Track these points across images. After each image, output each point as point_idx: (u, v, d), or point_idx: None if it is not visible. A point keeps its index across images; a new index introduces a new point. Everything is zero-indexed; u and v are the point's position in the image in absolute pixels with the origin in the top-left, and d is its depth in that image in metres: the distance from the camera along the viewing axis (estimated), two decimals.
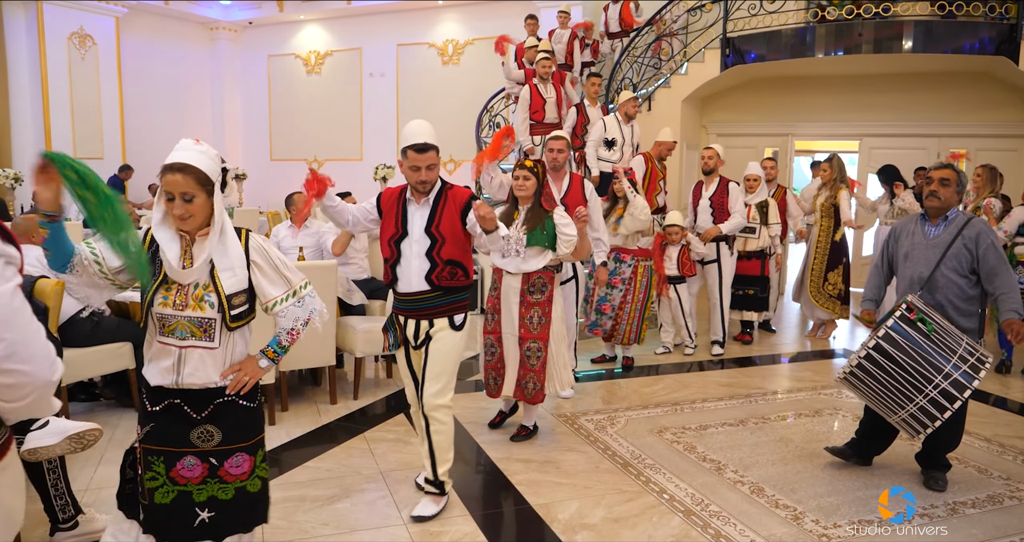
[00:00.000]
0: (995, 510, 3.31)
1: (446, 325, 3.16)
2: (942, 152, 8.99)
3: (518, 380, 3.99)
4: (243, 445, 2.30)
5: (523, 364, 3.98)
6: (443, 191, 3.13)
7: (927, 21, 7.67)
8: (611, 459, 3.87)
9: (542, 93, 7.19)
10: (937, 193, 3.44)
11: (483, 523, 3.17)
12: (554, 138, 4.66)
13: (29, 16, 10.77)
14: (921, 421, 3.24)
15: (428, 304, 3.15)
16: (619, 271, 5.39)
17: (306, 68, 13.45)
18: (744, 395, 5.02)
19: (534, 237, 3.82)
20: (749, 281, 6.29)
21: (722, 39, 8.41)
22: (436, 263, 3.09)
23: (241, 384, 2.27)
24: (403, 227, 3.12)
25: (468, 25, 11.99)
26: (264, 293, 2.30)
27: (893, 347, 3.22)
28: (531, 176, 3.84)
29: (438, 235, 3.08)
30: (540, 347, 3.97)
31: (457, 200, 3.11)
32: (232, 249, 2.24)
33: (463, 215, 3.09)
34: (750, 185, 6.23)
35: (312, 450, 3.97)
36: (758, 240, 6.19)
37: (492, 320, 4.05)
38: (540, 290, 3.95)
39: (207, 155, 2.20)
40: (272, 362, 2.34)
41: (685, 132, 9.05)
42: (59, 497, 2.93)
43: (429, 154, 3.02)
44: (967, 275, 3.39)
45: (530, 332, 3.95)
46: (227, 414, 2.28)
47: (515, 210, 3.92)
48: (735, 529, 3.11)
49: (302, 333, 2.36)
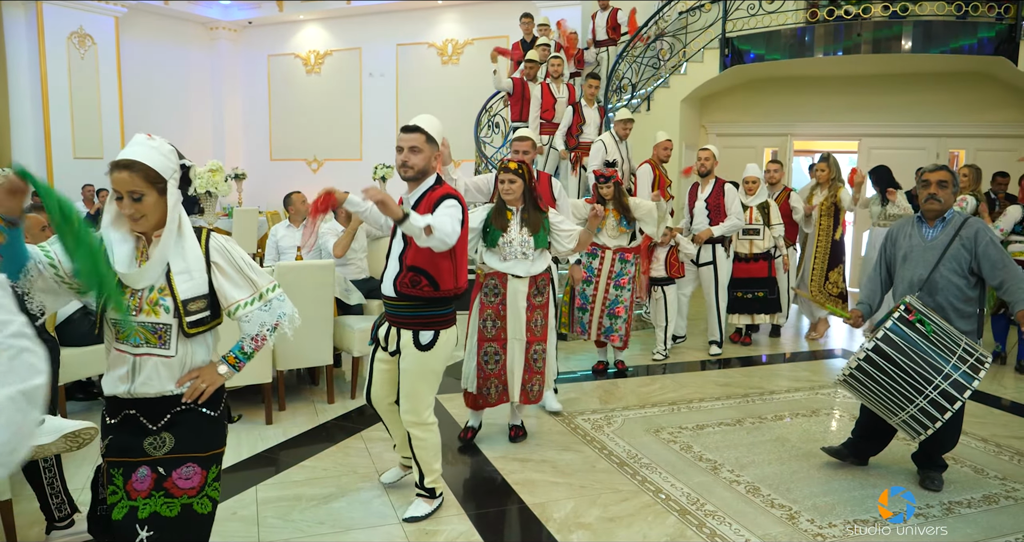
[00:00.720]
0: (991, 510, 3.32)
1: (410, 341, 3.02)
2: (941, 152, 9.00)
3: (523, 384, 3.94)
4: (196, 455, 2.11)
5: (529, 368, 3.95)
6: (427, 191, 3.00)
7: (927, 21, 7.67)
8: (607, 458, 3.87)
9: (554, 93, 7.19)
10: (937, 196, 3.44)
11: (478, 522, 3.17)
12: (519, 139, 4.50)
13: (29, 16, 10.78)
14: (922, 422, 3.23)
15: (395, 311, 3.07)
16: (626, 271, 5.31)
17: (306, 68, 13.45)
18: (741, 395, 5.02)
19: (540, 238, 3.80)
20: (757, 283, 6.23)
21: (721, 39, 8.41)
22: (401, 267, 2.99)
23: (198, 392, 2.11)
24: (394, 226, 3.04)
25: (468, 25, 11.99)
26: (226, 296, 2.13)
27: (892, 348, 3.22)
28: (517, 178, 3.76)
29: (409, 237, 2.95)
30: (544, 349, 3.98)
31: (432, 198, 2.95)
32: (190, 251, 2.09)
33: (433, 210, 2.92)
34: (749, 187, 6.21)
35: (309, 449, 3.97)
36: (763, 241, 6.17)
37: (495, 327, 3.91)
38: (542, 292, 3.93)
39: (159, 151, 2.05)
40: (233, 369, 2.17)
41: (684, 132, 9.05)
42: (55, 496, 2.93)
43: (414, 135, 2.93)
44: (966, 276, 3.39)
45: (535, 335, 3.93)
46: (184, 421, 2.12)
47: (507, 211, 3.83)
48: (730, 528, 3.11)
49: (269, 340, 2.20)
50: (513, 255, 3.80)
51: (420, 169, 2.96)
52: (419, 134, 2.93)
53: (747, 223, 6.15)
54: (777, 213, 6.23)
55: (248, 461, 3.83)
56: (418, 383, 3.06)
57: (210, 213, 5.79)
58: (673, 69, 8.83)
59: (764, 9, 8.08)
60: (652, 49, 8.87)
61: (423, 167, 2.96)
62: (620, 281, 5.30)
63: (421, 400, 3.08)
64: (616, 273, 5.28)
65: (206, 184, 5.36)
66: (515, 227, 3.80)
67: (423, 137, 2.94)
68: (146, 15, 12.47)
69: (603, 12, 8.83)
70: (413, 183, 3.01)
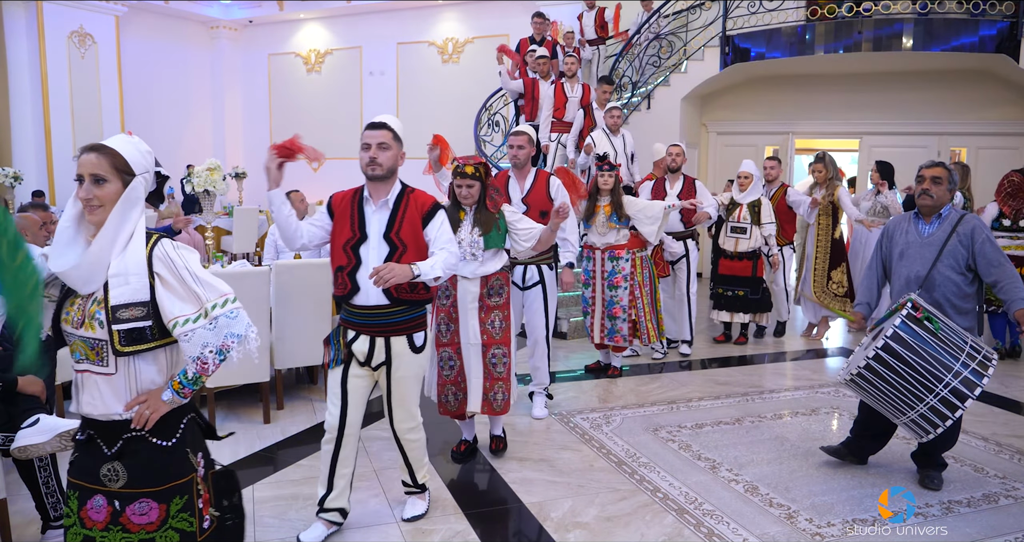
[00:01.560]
0: (991, 509, 3.30)
1: (406, 347, 2.92)
2: (942, 150, 8.97)
3: (484, 393, 3.69)
4: (149, 490, 1.93)
5: (488, 374, 3.69)
6: (404, 194, 2.90)
7: (927, 19, 7.65)
8: (605, 457, 3.86)
9: (567, 92, 7.11)
10: (929, 191, 3.43)
11: (475, 521, 3.16)
12: (515, 133, 4.37)
13: (29, 15, 10.79)
14: (931, 421, 3.18)
15: (386, 319, 2.88)
16: (618, 269, 5.18)
17: (306, 67, 13.45)
18: (740, 394, 5.00)
19: (491, 239, 3.60)
20: (739, 282, 6.12)
21: (721, 37, 8.40)
22: None
23: (143, 419, 1.91)
24: (361, 230, 2.86)
25: (468, 24, 11.98)
26: (165, 310, 1.91)
27: (902, 347, 3.16)
28: (475, 183, 3.56)
29: (398, 242, 2.84)
30: (505, 353, 3.71)
31: (420, 205, 2.89)
32: (132, 255, 1.91)
33: (424, 222, 2.88)
34: (742, 183, 6.11)
35: (306, 448, 3.96)
36: (749, 240, 6.04)
37: (448, 330, 3.71)
38: (498, 293, 3.70)
39: (135, 147, 1.96)
40: (178, 395, 1.94)
41: (685, 131, 9.04)
42: (50, 495, 2.93)
43: (382, 132, 2.81)
44: (964, 272, 3.37)
45: (493, 338, 3.68)
46: (136, 452, 1.95)
47: (460, 210, 3.63)
48: (728, 528, 3.10)
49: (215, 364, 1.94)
50: (466, 255, 3.59)
51: (389, 167, 2.83)
52: (387, 131, 2.82)
53: (736, 221, 6.07)
54: (768, 212, 6.09)
55: (246, 460, 3.82)
56: (412, 387, 3.02)
57: (209, 212, 5.77)
58: (674, 67, 8.81)
59: (765, 7, 8.06)
60: (653, 47, 8.86)
61: (391, 165, 2.84)
62: (614, 280, 5.18)
63: (414, 402, 3.06)
64: (608, 272, 5.18)
65: (204, 183, 5.34)
66: (467, 227, 3.59)
67: (391, 134, 2.82)
68: (146, 14, 12.48)
69: (590, 12, 8.78)
70: (380, 182, 2.85)
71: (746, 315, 6.22)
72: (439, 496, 3.40)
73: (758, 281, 6.14)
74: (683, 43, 8.79)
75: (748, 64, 8.54)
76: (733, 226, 6.08)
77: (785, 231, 6.43)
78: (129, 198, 1.92)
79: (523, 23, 9.89)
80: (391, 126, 2.83)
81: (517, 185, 4.40)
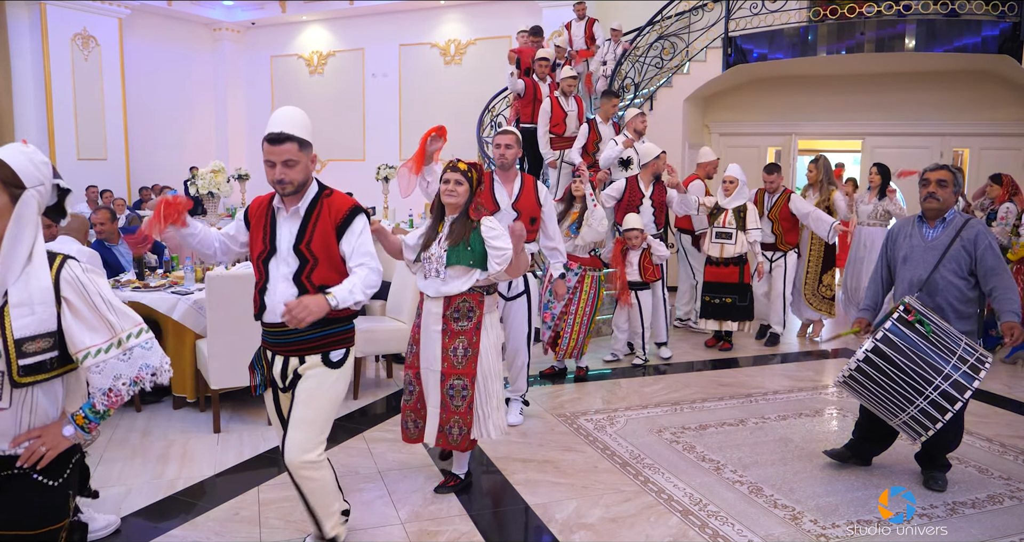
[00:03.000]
0: (995, 510, 3.30)
1: (317, 362, 2.58)
2: (945, 151, 8.97)
3: (440, 425, 3.31)
4: (26, 533, 1.76)
5: (445, 406, 3.30)
6: (319, 200, 2.56)
7: (930, 19, 7.65)
8: (610, 459, 3.86)
9: (563, 106, 6.99)
10: (936, 194, 3.41)
11: (480, 522, 3.17)
12: (502, 132, 4.09)
13: (32, 17, 10.82)
14: (922, 424, 3.21)
15: (297, 337, 2.54)
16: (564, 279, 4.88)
17: (309, 69, 13.47)
18: (744, 395, 5.01)
19: (456, 254, 3.17)
20: (725, 289, 5.97)
21: (724, 38, 8.40)
22: (306, 289, 2.50)
23: (36, 456, 1.75)
24: (271, 241, 2.56)
25: (470, 25, 12.00)
26: (74, 340, 1.76)
27: (891, 349, 3.20)
28: (464, 181, 3.19)
29: (308, 254, 2.51)
30: (465, 385, 3.29)
31: (334, 212, 2.53)
32: (35, 280, 1.73)
33: (339, 232, 2.52)
34: (727, 188, 5.97)
35: None
36: (735, 246, 5.91)
37: (411, 352, 3.41)
38: (466, 316, 3.27)
39: (28, 157, 1.78)
40: (82, 431, 1.80)
41: (687, 132, 9.04)
42: None
43: (286, 147, 2.44)
44: (966, 277, 3.37)
45: (454, 367, 3.27)
46: (13, 489, 1.78)
47: (440, 222, 3.28)
48: (733, 529, 3.10)
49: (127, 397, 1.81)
50: (431, 272, 3.24)
51: (300, 183, 2.50)
52: (291, 144, 2.45)
53: (721, 226, 5.96)
54: (754, 218, 5.93)
55: (250, 462, 3.83)
56: (319, 407, 2.57)
57: (213, 214, 5.80)
58: (676, 69, 8.82)
59: (767, 8, 8.07)
60: (655, 48, 8.85)
61: (302, 180, 2.51)
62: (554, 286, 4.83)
63: (317, 431, 2.58)
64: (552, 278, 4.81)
65: (208, 185, 5.37)
66: (442, 239, 3.24)
67: (295, 146, 2.46)
68: (149, 16, 12.51)
69: (579, 22, 8.68)
70: (294, 197, 2.54)
71: (734, 323, 6.05)
72: (444, 497, 3.40)
73: (745, 287, 5.99)
74: (685, 44, 8.79)
75: (751, 65, 8.54)
76: (718, 232, 5.97)
77: (787, 237, 6.26)
78: (21, 214, 1.73)
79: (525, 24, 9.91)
80: (296, 136, 2.46)
81: (504, 189, 4.13)
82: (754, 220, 5.95)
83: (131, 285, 4.74)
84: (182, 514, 3.21)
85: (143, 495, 3.39)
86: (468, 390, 3.30)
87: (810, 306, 6.50)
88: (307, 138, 2.50)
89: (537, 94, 7.32)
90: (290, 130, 2.46)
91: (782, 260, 6.31)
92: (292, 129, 2.46)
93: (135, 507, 3.28)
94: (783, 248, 6.29)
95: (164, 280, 4.92)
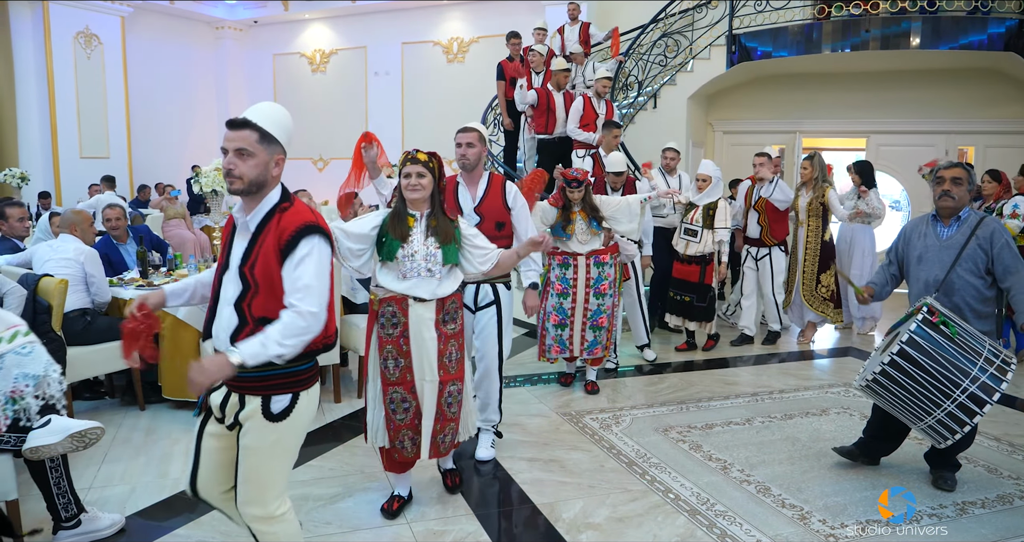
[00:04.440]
0: (1005, 510, 3.28)
1: (258, 411, 2.13)
2: (950, 149, 8.94)
3: (433, 436, 3.07)
4: None
5: (441, 415, 3.08)
6: (274, 213, 2.15)
7: (935, 17, 7.62)
8: (616, 458, 3.84)
9: (595, 107, 6.79)
10: (951, 192, 3.36)
11: (487, 522, 3.15)
12: (463, 130, 3.66)
13: (35, 16, 10.82)
14: (949, 427, 3.14)
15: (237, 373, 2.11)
16: (605, 275, 4.79)
17: (311, 67, 13.46)
18: (750, 394, 4.98)
19: (450, 252, 2.97)
20: (687, 287, 5.84)
21: (728, 36, 8.38)
22: (244, 319, 2.12)
23: None
24: (227, 257, 2.20)
25: (473, 23, 11.98)
26: None
27: (917, 352, 3.12)
28: (426, 172, 2.96)
29: (251, 279, 2.11)
30: (459, 389, 3.14)
31: (280, 231, 2.11)
32: None
33: (282, 256, 2.09)
34: (700, 185, 5.77)
35: (316, 449, 3.95)
36: (699, 244, 5.72)
37: (397, 367, 3.05)
38: (453, 318, 3.10)
39: None
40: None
41: (691, 130, 9.02)
42: (61, 496, 2.92)
43: (243, 133, 2.10)
44: (983, 276, 3.31)
45: (449, 372, 3.08)
46: None
47: (408, 216, 3.01)
48: (741, 529, 3.08)
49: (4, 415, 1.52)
50: (415, 272, 2.97)
51: (251, 180, 2.11)
52: (249, 131, 2.10)
53: (688, 222, 5.78)
54: (723, 217, 5.69)
55: None
56: (266, 465, 2.17)
57: (216, 212, 5.78)
58: (680, 66, 8.79)
59: (771, 6, 8.04)
60: (659, 46, 8.83)
61: (255, 177, 2.11)
62: (600, 287, 4.78)
63: (269, 487, 2.20)
64: (595, 279, 4.76)
65: (212, 183, 5.34)
66: (419, 236, 2.97)
67: (255, 135, 2.10)
68: (151, 15, 12.51)
69: (572, 25, 8.42)
70: (247, 198, 2.16)
71: (693, 322, 5.92)
72: (450, 497, 3.39)
73: (705, 288, 5.79)
74: (689, 42, 8.77)
75: (755, 63, 8.51)
76: (686, 228, 5.80)
77: (774, 230, 6.05)
78: None
79: (528, 22, 9.86)
80: (258, 124, 2.11)
81: (468, 192, 3.71)
82: (723, 219, 5.69)
83: (135, 283, 4.72)
84: (186, 513, 3.19)
85: (147, 494, 3.38)
86: (460, 394, 3.17)
87: (810, 308, 6.39)
88: (274, 132, 2.14)
89: (551, 104, 7.04)
90: (255, 118, 2.12)
91: (767, 258, 6.10)
92: (258, 118, 2.12)
93: (139, 506, 3.27)
94: (769, 243, 6.07)
95: (168, 278, 4.91)
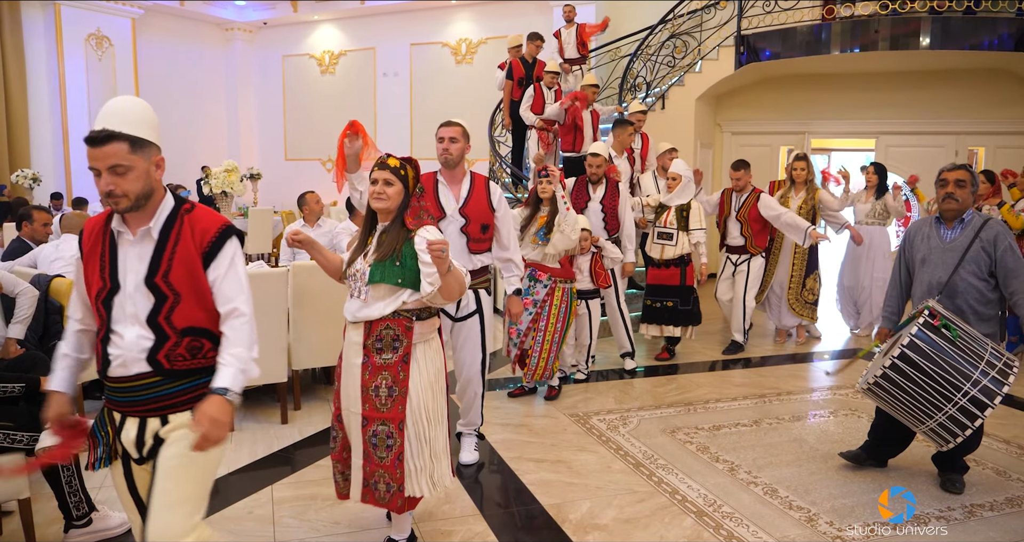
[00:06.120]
0: (1013, 513, 3.26)
1: (183, 425, 1.98)
2: (960, 150, 8.89)
3: (364, 479, 2.68)
4: None
5: (368, 456, 2.65)
6: (177, 216, 2.00)
7: (944, 17, 7.58)
8: (623, 459, 3.85)
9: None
10: (954, 195, 3.37)
11: (493, 523, 3.16)
12: (446, 124, 3.47)
13: (47, 18, 10.91)
14: (951, 430, 3.14)
15: (154, 394, 1.99)
16: (532, 291, 4.53)
17: (320, 68, 13.52)
18: (758, 395, 4.98)
19: (381, 270, 2.60)
20: (668, 292, 5.57)
21: (736, 37, 8.36)
22: (163, 333, 1.96)
23: None
24: (111, 277, 1.98)
25: (481, 24, 12.01)
26: None
27: (918, 355, 3.12)
28: (395, 180, 2.66)
29: (167, 289, 1.96)
30: (391, 432, 2.62)
31: (199, 234, 1.99)
32: None
33: (206, 260, 1.98)
34: (670, 184, 5.55)
35: (324, 449, 3.97)
36: (675, 247, 5.50)
37: (335, 389, 2.84)
38: (391, 347, 2.64)
39: None
40: None
41: (700, 131, 9.01)
42: (73, 495, 2.95)
43: (111, 148, 1.87)
44: (986, 278, 3.31)
45: (376, 409, 2.63)
46: None
47: (371, 232, 2.76)
48: (748, 530, 3.08)
49: None
50: (356, 291, 2.70)
51: (138, 194, 1.92)
52: (118, 144, 1.87)
53: (662, 226, 5.55)
54: (697, 218, 5.49)
55: (263, 460, 3.84)
56: (189, 480, 1.99)
57: (225, 212, 5.82)
58: (688, 67, 8.78)
59: (780, 6, 8.02)
60: (667, 47, 8.82)
61: (141, 191, 1.92)
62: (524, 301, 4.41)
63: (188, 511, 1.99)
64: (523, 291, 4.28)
65: (222, 184, 5.39)
66: (369, 252, 2.72)
67: (124, 146, 1.88)
68: (162, 16, 12.59)
69: (568, 29, 8.34)
70: (136, 214, 1.97)
71: (676, 328, 5.64)
72: (458, 497, 3.40)
73: (688, 290, 5.58)
74: (697, 43, 8.76)
75: (763, 63, 8.49)
76: (660, 232, 5.56)
77: (757, 240, 5.88)
78: None
79: (537, 24, 9.90)
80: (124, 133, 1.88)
81: (450, 192, 3.53)
82: (698, 220, 5.50)
83: None
84: None
85: None
86: (395, 438, 2.62)
87: (792, 312, 6.31)
88: (144, 135, 1.91)
89: (578, 122, 6.73)
90: (117, 126, 1.87)
91: (746, 265, 5.92)
92: (120, 125, 1.88)
93: None
94: (752, 251, 5.91)
95: None
